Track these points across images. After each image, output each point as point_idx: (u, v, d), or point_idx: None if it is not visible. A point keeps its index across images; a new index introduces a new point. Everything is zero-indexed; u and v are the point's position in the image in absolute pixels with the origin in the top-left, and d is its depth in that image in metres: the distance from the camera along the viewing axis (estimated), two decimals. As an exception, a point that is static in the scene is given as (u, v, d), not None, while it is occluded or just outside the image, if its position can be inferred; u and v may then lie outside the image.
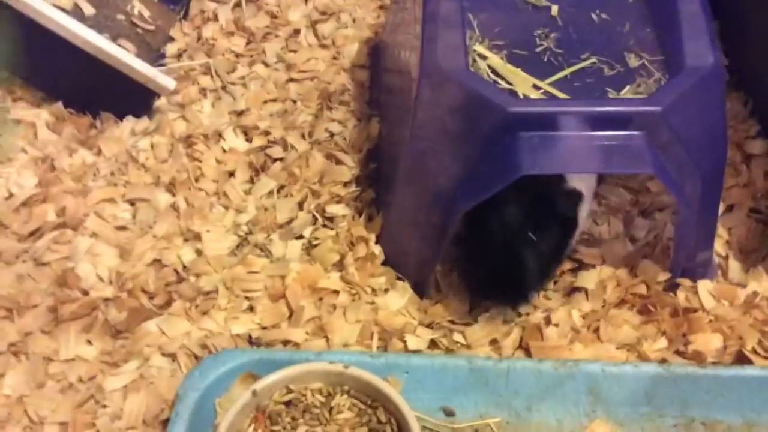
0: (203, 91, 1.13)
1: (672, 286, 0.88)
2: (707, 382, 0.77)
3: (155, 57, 1.14)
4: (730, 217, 0.96)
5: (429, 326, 0.86)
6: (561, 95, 0.78)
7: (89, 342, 0.86)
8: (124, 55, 1.03)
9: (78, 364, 0.84)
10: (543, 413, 0.77)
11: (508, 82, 0.80)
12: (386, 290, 0.90)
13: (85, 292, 0.89)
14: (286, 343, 0.85)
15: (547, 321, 0.85)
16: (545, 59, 0.83)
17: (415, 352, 0.83)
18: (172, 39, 1.20)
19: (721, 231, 0.94)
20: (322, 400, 0.75)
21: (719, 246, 0.93)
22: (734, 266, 0.91)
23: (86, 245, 0.94)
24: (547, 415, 0.77)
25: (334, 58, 1.18)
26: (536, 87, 0.79)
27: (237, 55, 1.19)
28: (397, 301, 0.88)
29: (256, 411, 0.74)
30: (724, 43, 1.16)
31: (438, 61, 0.78)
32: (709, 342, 0.83)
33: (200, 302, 0.89)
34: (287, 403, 0.75)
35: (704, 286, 0.88)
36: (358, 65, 1.17)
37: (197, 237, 0.95)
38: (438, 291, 0.90)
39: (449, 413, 0.78)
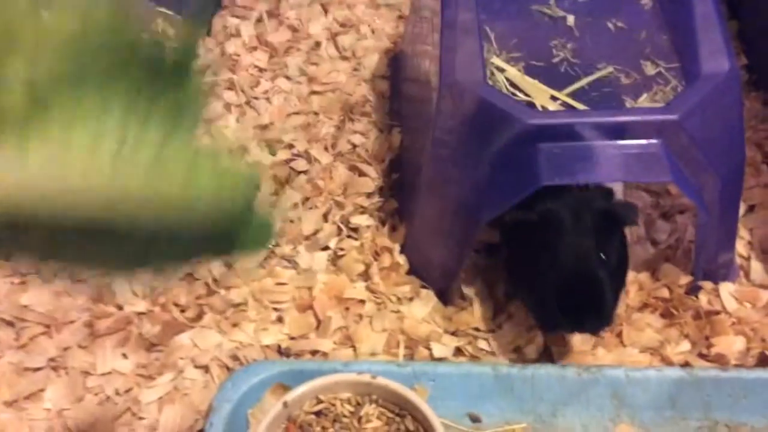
0: (228, 107, 1.16)
1: (694, 289, 0.88)
2: (730, 385, 0.78)
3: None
4: (751, 218, 0.97)
5: (454, 334, 0.88)
6: (579, 106, 0.79)
7: (125, 356, 0.88)
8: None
9: (115, 377, 0.87)
10: (568, 418, 0.79)
11: (526, 94, 0.81)
12: (411, 299, 0.91)
13: (120, 307, 0.92)
14: (314, 353, 0.87)
15: (570, 326, 0.86)
16: (562, 70, 0.84)
17: (441, 360, 0.85)
18: (196, 55, 1.22)
19: (743, 232, 0.94)
20: (351, 409, 0.77)
21: (741, 247, 0.93)
22: (756, 267, 0.91)
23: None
24: (573, 420, 0.79)
25: (355, 69, 1.20)
26: (554, 98, 0.80)
27: (260, 70, 1.21)
28: (422, 309, 0.90)
29: (288, 421, 0.76)
30: (743, 42, 1.16)
31: (456, 75, 0.80)
32: (731, 344, 0.83)
33: (230, 314, 0.91)
34: (317, 413, 0.77)
35: (726, 288, 0.88)
36: (378, 76, 1.19)
37: (226, 250, 0.97)
38: (462, 299, 0.91)
39: (475, 420, 0.79)
